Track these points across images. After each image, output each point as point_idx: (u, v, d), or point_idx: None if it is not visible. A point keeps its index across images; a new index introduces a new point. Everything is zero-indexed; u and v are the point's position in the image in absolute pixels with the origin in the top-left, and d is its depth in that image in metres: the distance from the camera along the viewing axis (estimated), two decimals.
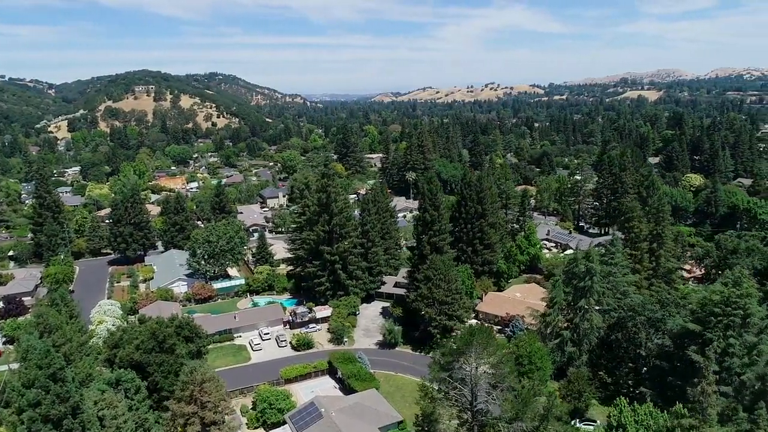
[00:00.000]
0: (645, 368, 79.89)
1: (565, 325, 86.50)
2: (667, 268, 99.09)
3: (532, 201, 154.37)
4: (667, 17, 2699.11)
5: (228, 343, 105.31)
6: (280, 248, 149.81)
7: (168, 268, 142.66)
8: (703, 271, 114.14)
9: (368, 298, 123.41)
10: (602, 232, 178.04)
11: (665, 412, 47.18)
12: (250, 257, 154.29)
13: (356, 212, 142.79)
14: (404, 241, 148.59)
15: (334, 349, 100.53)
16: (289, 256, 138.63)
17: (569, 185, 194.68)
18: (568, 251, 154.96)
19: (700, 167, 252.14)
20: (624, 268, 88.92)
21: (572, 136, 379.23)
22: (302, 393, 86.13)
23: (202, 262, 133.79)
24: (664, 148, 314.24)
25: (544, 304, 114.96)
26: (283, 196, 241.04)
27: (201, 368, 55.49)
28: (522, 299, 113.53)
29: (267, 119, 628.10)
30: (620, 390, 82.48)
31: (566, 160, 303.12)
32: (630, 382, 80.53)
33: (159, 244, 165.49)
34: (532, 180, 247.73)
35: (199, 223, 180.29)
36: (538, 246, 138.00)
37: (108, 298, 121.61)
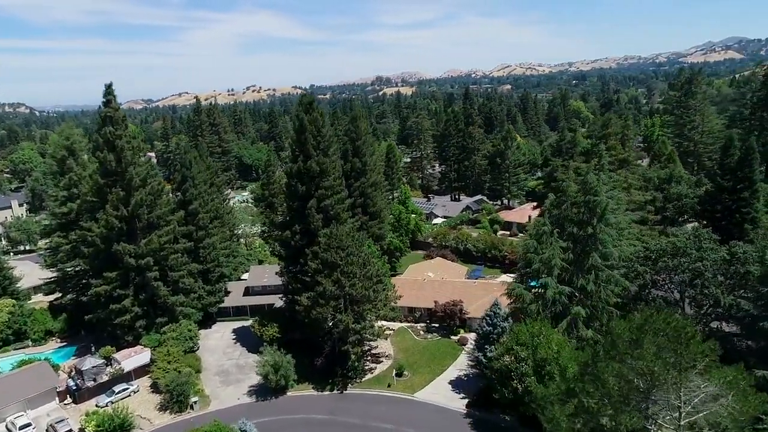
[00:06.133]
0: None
1: (569, 297, 55.68)
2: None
3: None
4: (398, 27, 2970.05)
5: None
6: (28, 273, 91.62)
7: None
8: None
9: (206, 320, 77.21)
10: (453, 198, 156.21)
11: None
12: None
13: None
14: (239, 230, 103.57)
15: (179, 423, 54.06)
16: (51, 277, 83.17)
17: (406, 153, 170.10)
18: (437, 220, 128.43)
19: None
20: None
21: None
22: None
23: None
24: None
25: (465, 279, 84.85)
26: (20, 205, 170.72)
27: None
28: (442, 279, 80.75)
29: None
30: None
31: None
32: None
33: None
34: None
35: None
36: (418, 214, 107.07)
37: None
